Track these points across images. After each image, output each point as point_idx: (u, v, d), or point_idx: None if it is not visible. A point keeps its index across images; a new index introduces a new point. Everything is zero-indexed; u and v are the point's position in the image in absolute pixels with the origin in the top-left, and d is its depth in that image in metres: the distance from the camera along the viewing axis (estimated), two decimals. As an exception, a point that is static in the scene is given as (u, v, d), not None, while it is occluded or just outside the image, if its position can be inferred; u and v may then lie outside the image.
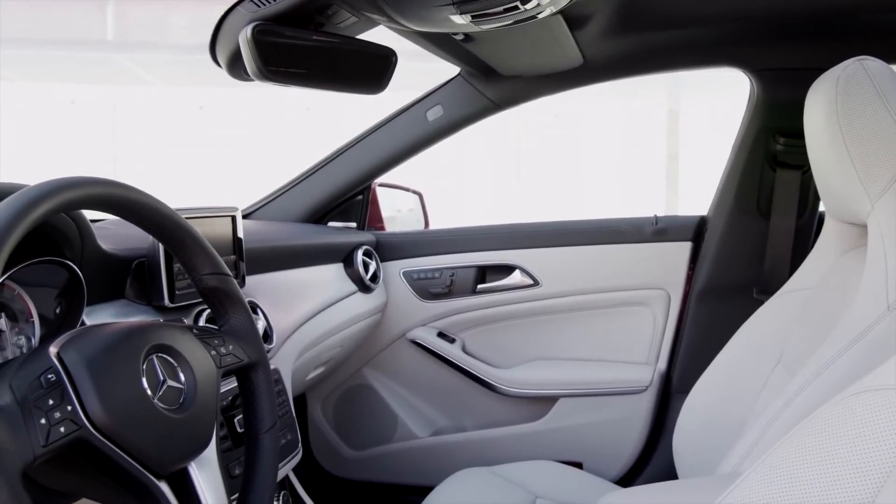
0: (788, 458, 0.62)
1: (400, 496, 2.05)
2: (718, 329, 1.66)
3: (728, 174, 1.85)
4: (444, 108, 1.86)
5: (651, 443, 1.94)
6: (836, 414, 0.62)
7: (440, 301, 1.99)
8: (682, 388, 1.87)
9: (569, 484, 1.62)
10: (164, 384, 0.80)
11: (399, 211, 2.27)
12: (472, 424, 2.04)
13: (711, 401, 1.41)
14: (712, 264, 1.86)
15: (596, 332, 1.98)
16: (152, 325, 0.84)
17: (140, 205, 0.85)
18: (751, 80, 1.76)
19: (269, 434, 0.96)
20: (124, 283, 1.14)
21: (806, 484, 0.59)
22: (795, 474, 0.61)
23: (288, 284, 1.58)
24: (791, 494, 0.60)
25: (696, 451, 1.41)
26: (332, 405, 2.12)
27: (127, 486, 0.76)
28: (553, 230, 1.97)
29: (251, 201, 2.02)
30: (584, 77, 1.79)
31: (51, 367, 0.73)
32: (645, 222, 1.92)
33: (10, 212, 0.70)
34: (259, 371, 0.97)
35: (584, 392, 1.93)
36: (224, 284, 0.95)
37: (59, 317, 0.99)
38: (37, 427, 0.68)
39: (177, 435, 0.80)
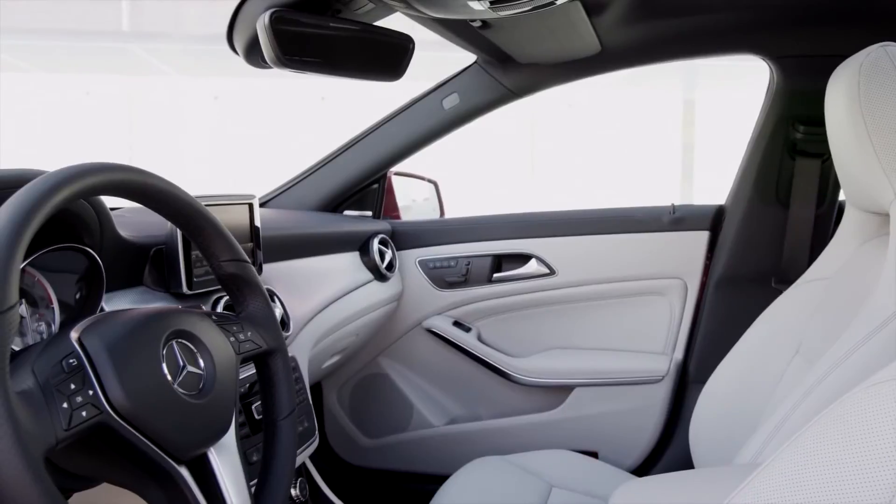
0: (809, 448, 0.62)
1: (415, 484, 2.06)
2: (736, 319, 1.65)
3: (747, 163, 1.83)
4: (460, 97, 1.85)
5: (667, 432, 1.93)
6: (857, 404, 0.61)
7: (456, 290, 1.99)
8: (698, 378, 1.86)
9: (584, 473, 1.62)
10: (183, 370, 0.81)
11: (414, 200, 2.27)
12: (487, 413, 2.04)
13: (729, 391, 1.41)
14: (730, 253, 1.85)
15: (612, 322, 1.97)
16: (172, 311, 0.85)
17: (159, 191, 0.85)
18: (770, 68, 1.74)
19: (287, 421, 0.96)
20: (143, 271, 1.14)
21: (828, 474, 0.59)
22: (817, 464, 0.60)
23: (304, 272, 1.58)
24: (812, 484, 0.60)
25: (713, 440, 1.41)
26: (348, 393, 2.12)
27: (148, 470, 0.77)
28: (569, 219, 1.96)
29: (266, 191, 2.03)
30: (602, 65, 1.78)
31: (72, 352, 0.73)
32: (662, 211, 1.91)
33: (32, 197, 0.70)
34: (277, 358, 0.97)
35: (600, 381, 1.93)
36: (242, 271, 0.95)
37: (79, 303, 1.00)
38: (59, 411, 0.68)
39: (196, 420, 0.80)
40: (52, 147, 7.03)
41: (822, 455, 0.59)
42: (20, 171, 0.86)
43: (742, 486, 0.71)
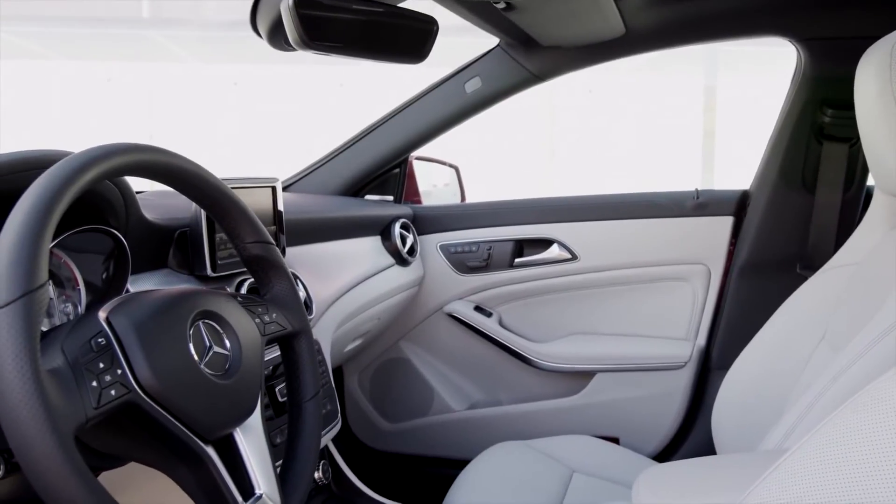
0: (837, 436, 0.61)
1: (435, 468, 2.06)
2: (760, 305, 1.64)
3: (772, 147, 1.81)
4: (482, 80, 1.83)
5: (689, 419, 1.93)
6: (885, 391, 0.60)
7: (477, 275, 1.98)
8: (721, 365, 1.85)
9: (606, 459, 1.62)
10: (210, 350, 0.81)
11: (435, 186, 2.26)
12: (508, 398, 2.04)
13: (752, 377, 1.39)
14: (755, 239, 1.83)
15: (634, 307, 1.96)
16: (198, 291, 0.85)
17: (186, 172, 0.85)
18: (798, 50, 1.72)
19: (312, 402, 0.96)
20: (167, 253, 1.14)
21: (856, 460, 0.58)
22: (845, 450, 0.59)
23: (326, 256, 1.58)
24: (840, 471, 0.59)
25: (736, 427, 1.40)
26: (369, 378, 2.13)
27: (175, 449, 0.77)
28: (592, 204, 1.95)
29: (286, 177, 2.03)
30: (626, 47, 1.76)
31: (100, 332, 0.73)
32: (686, 196, 1.90)
33: (61, 177, 0.70)
34: (302, 339, 0.97)
35: (621, 367, 1.92)
36: (267, 253, 0.95)
37: (105, 285, 1.00)
38: (89, 389, 0.68)
39: (223, 401, 0.80)
40: (75, 134, 7.07)
41: (850, 443, 0.59)
42: (47, 151, 0.86)
43: (768, 472, 0.70)
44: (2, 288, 0.63)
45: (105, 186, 0.95)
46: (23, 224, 0.66)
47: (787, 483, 0.64)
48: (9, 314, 0.62)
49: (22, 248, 0.65)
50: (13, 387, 0.61)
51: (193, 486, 0.79)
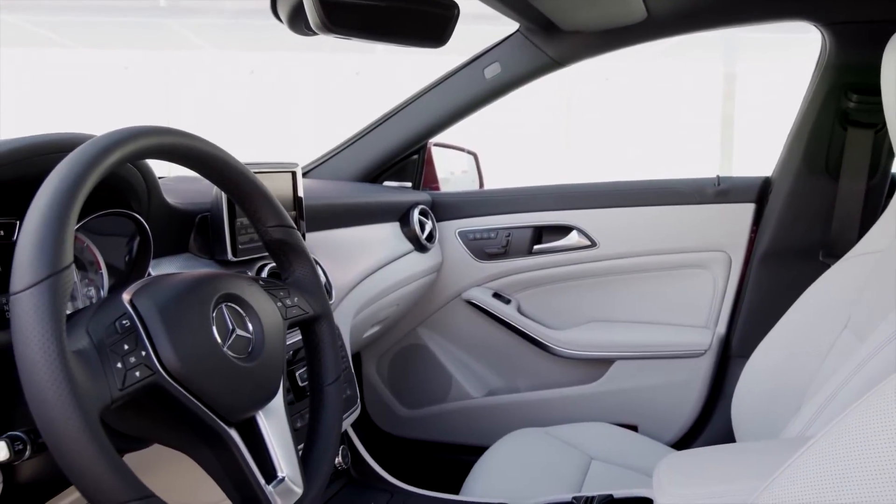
0: (862, 423, 0.60)
1: (453, 455, 2.07)
2: (781, 292, 1.62)
3: (795, 134, 1.79)
4: (502, 66, 1.82)
5: (708, 407, 1.92)
6: None
7: (496, 261, 1.98)
8: (741, 353, 1.84)
9: (624, 446, 1.62)
10: (233, 333, 0.81)
11: (452, 173, 2.26)
12: (526, 385, 2.04)
13: (773, 365, 1.38)
14: (776, 226, 1.81)
15: (654, 295, 1.95)
16: (221, 275, 0.85)
17: (208, 156, 0.85)
18: (822, 34, 1.69)
19: (333, 386, 0.96)
20: (188, 238, 1.15)
21: (884, 447, 0.57)
22: (872, 437, 0.59)
23: (346, 242, 1.58)
24: (867, 457, 0.58)
25: (756, 415, 1.39)
26: (387, 364, 2.13)
27: (198, 431, 0.77)
28: (612, 191, 1.94)
29: (302, 164, 2.02)
30: (648, 32, 1.74)
31: (125, 314, 0.73)
32: (706, 183, 1.88)
33: (85, 159, 0.70)
34: (323, 323, 0.97)
35: (640, 355, 1.91)
36: (289, 237, 0.95)
37: (127, 268, 1.01)
38: (114, 371, 0.69)
39: (246, 383, 0.80)
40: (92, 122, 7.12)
41: (875, 432, 0.58)
42: (71, 134, 0.87)
43: (792, 459, 0.69)
44: (28, 269, 0.63)
45: (127, 170, 0.95)
46: (48, 206, 0.66)
47: (812, 470, 0.63)
48: (35, 295, 0.63)
49: (47, 229, 0.65)
50: (40, 367, 0.61)
51: (217, 468, 0.79)
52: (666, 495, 1.09)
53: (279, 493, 0.81)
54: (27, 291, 0.63)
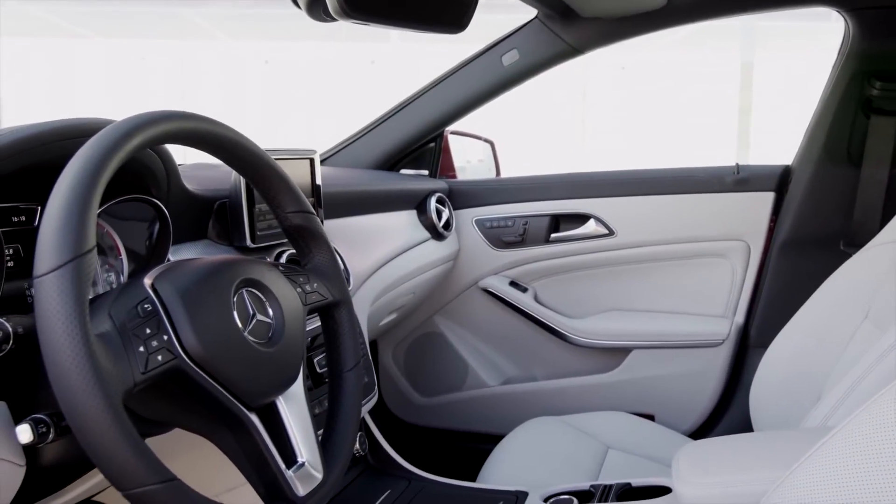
0: (885, 413, 0.60)
1: (469, 443, 2.07)
2: (801, 282, 1.61)
3: (816, 121, 1.77)
4: (520, 53, 1.81)
5: (726, 397, 1.91)
6: None
7: (513, 250, 1.97)
8: (760, 343, 1.83)
9: (641, 435, 1.61)
10: (253, 318, 0.81)
11: (469, 162, 2.25)
12: (542, 374, 2.04)
13: (792, 355, 1.37)
14: (796, 215, 1.80)
15: (672, 284, 1.94)
16: (241, 260, 0.85)
17: (229, 141, 0.85)
18: (846, 20, 1.67)
19: (352, 372, 0.96)
20: (207, 224, 1.15)
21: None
22: (893, 429, 0.58)
23: (363, 229, 1.58)
24: (891, 447, 0.58)
25: (775, 405, 1.38)
26: (403, 352, 2.13)
27: (219, 416, 0.77)
28: (629, 179, 1.93)
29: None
30: (667, 19, 1.72)
31: (146, 298, 0.74)
32: (725, 171, 1.86)
33: (107, 143, 0.70)
34: (343, 309, 0.97)
35: (658, 344, 1.90)
36: (308, 223, 0.95)
37: (147, 254, 1.01)
38: (136, 354, 0.69)
39: (266, 368, 0.80)
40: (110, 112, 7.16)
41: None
42: (91, 119, 0.87)
43: (814, 449, 0.69)
44: (51, 252, 0.64)
45: (148, 156, 0.96)
46: (70, 189, 0.66)
47: (835, 460, 0.63)
48: (58, 278, 0.63)
49: (70, 213, 0.65)
50: (64, 350, 0.62)
51: (238, 453, 0.79)
52: (685, 484, 1.08)
53: (299, 477, 0.81)
54: (51, 274, 0.63)
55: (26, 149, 0.80)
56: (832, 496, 0.65)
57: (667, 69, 7.80)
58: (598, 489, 1.26)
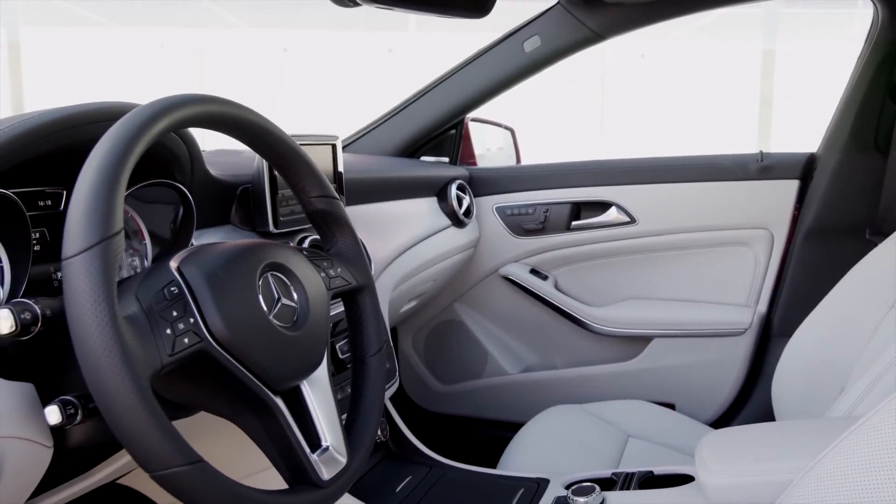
0: None
1: (488, 431, 2.07)
2: (825, 271, 1.59)
3: (843, 108, 1.75)
4: (541, 39, 1.79)
5: (748, 386, 1.89)
6: None
7: (533, 237, 1.96)
8: (783, 332, 1.81)
9: (662, 424, 1.61)
10: (278, 302, 0.81)
11: (488, 149, 2.24)
12: (562, 362, 2.03)
13: (816, 344, 1.36)
14: (821, 203, 1.78)
15: (694, 272, 1.92)
16: (266, 244, 0.85)
17: (254, 125, 0.85)
18: (876, 7, 1.64)
19: (375, 358, 0.96)
20: (230, 209, 1.15)
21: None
22: None
23: (384, 216, 1.58)
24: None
25: (798, 394, 1.37)
26: (423, 339, 2.13)
27: (245, 399, 0.77)
28: (652, 166, 1.91)
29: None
30: (691, 4, 1.70)
31: (172, 280, 0.74)
32: (749, 159, 1.84)
33: (134, 126, 0.70)
34: (366, 294, 0.97)
35: (679, 333, 1.89)
36: (332, 207, 0.95)
37: (171, 239, 1.01)
38: (163, 337, 0.69)
39: (291, 352, 0.80)
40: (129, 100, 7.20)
41: None
42: (117, 103, 0.87)
43: (841, 437, 0.68)
44: (79, 234, 0.64)
45: (172, 141, 0.96)
46: (98, 171, 0.66)
47: (863, 449, 0.62)
48: (86, 260, 0.63)
49: (98, 195, 0.65)
50: (92, 331, 0.62)
51: (263, 436, 0.79)
52: (709, 472, 1.08)
53: (324, 461, 0.81)
54: (79, 256, 0.63)
55: (52, 132, 0.80)
56: (860, 485, 0.64)
57: (686, 58, 7.74)
58: (619, 477, 1.26)
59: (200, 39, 8.06)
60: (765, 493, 0.99)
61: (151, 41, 7.95)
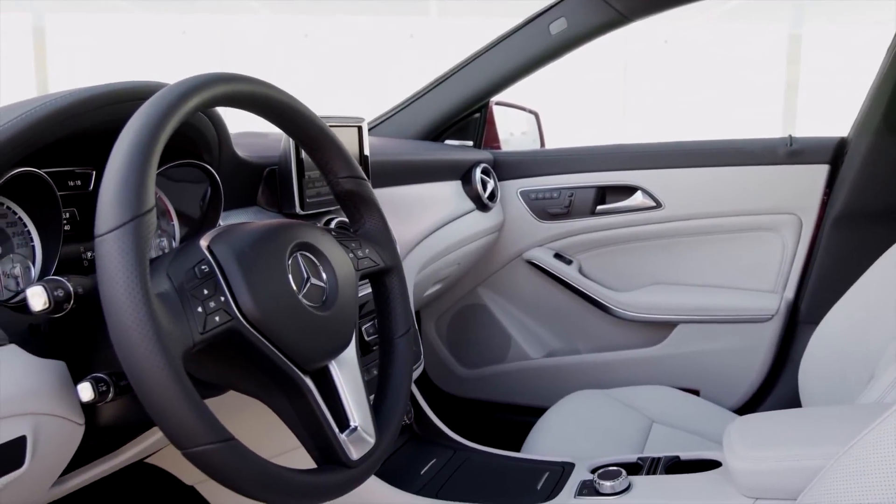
0: None
1: (511, 415, 2.07)
2: (854, 257, 1.57)
3: (875, 92, 1.71)
4: (568, 21, 1.77)
5: (774, 373, 1.88)
6: None
7: (558, 222, 1.95)
8: (810, 319, 1.79)
9: (686, 410, 1.60)
10: (307, 282, 0.81)
11: (512, 134, 2.22)
12: (586, 347, 2.02)
13: (844, 331, 1.34)
14: (852, 188, 1.75)
15: (720, 258, 1.90)
16: (295, 224, 0.85)
17: (283, 105, 0.84)
18: None
19: (403, 339, 0.96)
20: (256, 190, 1.15)
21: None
22: None
23: (408, 199, 1.57)
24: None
25: (826, 382, 1.35)
26: (446, 323, 2.13)
27: (274, 378, 0.78)
28: (678, 150, 1.89)
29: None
30: None
31: (203, 259, 0.74)
32: (778, 143, 1.82)
33: (165, 103, 0.70)
34: (394, 275, 0.97)
35: (705, 318, 1.87)
36: (360, 188, 0.94)
37: (199, 219, 1.01)
38: (195, 314, 0.69)
39: (321, 332, 0.80)
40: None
41: None
42: (147, 82, 0.87)
43: (875, 424, 0.67)
44: (112, 212, 0.64)
45: (200, 121, 0.96)
46: (130, 149, 0.66)
47: None
48: (119, 237, 0.63)
49: (130, 173, 0.65)
50: (125, 308, 0.62)
51: (292, 416, 0.80)
52: (738, 458, 1.07)
53: (352, 441, 0.81)
54: (112, 233, 0.63)
55: (82, 112, 0.80)
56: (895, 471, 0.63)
57: (710, 43, 7.64)
58: (645, 461, 1.25)
59: (223, 25, 8.07)
60: (795, 479, 0.98)
61: (174, 27, 7.98)
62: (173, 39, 7.96)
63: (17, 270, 0.82)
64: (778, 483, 1.03)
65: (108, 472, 0.92)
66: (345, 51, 7.89)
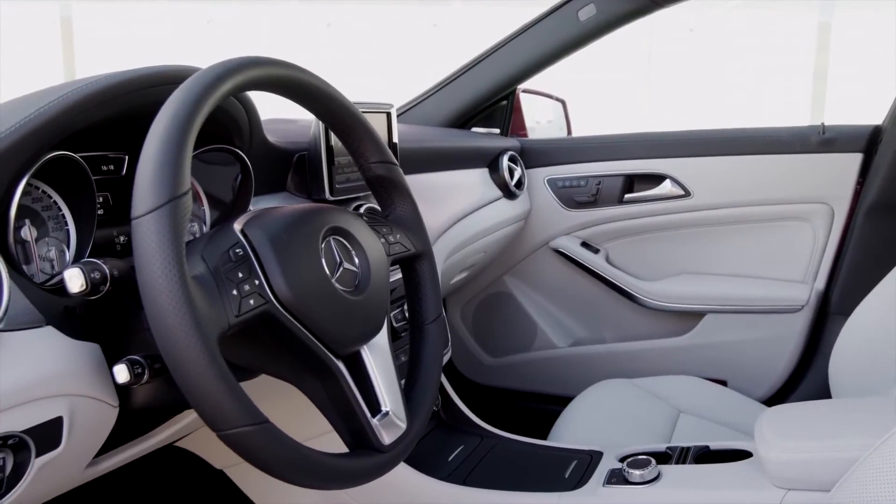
0: None
1: (537, 404, 2.06)
2: (887, 248, 1.55)
3: None
4: (597, 7, 1.75)
5: (803, 364, 1.85)
6: None
7: (585, 210, 1.94)
8: (841, 310, 1.76)
9: (714, 401, 1.58)
10: (340, 266, 0.81)
11: (538, 122, 2.21)
12: (612, 336, 2.01)
13: (876, 323, 1.32)
14: (886, 178, 1.72)
15: (750, 247, 1.88)
16: (328, 208, 0.85)
17: (316, 89, 0.84)
18: None
19: (434, 325, 0.96)
20: (286, 176, 1.15)
21: None
22: None
23: (436, 186, 1.57)
24: None
25: (857, 373, 1.34)
26: (472, 311, 2.13)
27: (307, 363, 0.78)
28: (708, 138, 1.87)
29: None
30: None
31: (237, 242, 0.74)
32: (810, 131, 1.79)
33: (200, 86, 0.70)
34: (425, 261, 0.97)
35: (733, 308, 1.86)
36: (391, 173, 0.94)
37: (230, 204, 1.02)
38: (230, 297, 0.69)
39: (353, 316, 0.80)
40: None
41: None
42: (181, 66, 0.87)
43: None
44: (149, 194, 0.64)
45: (232, 106, 0.96)
46: (166, 131, 0.66)
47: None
48: (156, 219, 0.63)
49: (167, 154, 0.65)
50: (162, 290, 0.62)
51: (324, 400, 0.80)
52: (770, 448, 1.06)
53: (384, 426, 0.81)
54: (149, 215, 0.63)
55: (116, 96, 0.80)
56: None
57: (737, 31, 7.54)
58: (674, 451, 1.24)
59: (248, 14, 8.09)
60: (828, 470, 0.97)
61: (199, 16, 8.00)
62: (198, 28, 7.99)
63: (53, 254, 0.82)
64: (811, 474, 1.02)
65: (140, 454, 0.93)
66: (368, 39, 7.88)
